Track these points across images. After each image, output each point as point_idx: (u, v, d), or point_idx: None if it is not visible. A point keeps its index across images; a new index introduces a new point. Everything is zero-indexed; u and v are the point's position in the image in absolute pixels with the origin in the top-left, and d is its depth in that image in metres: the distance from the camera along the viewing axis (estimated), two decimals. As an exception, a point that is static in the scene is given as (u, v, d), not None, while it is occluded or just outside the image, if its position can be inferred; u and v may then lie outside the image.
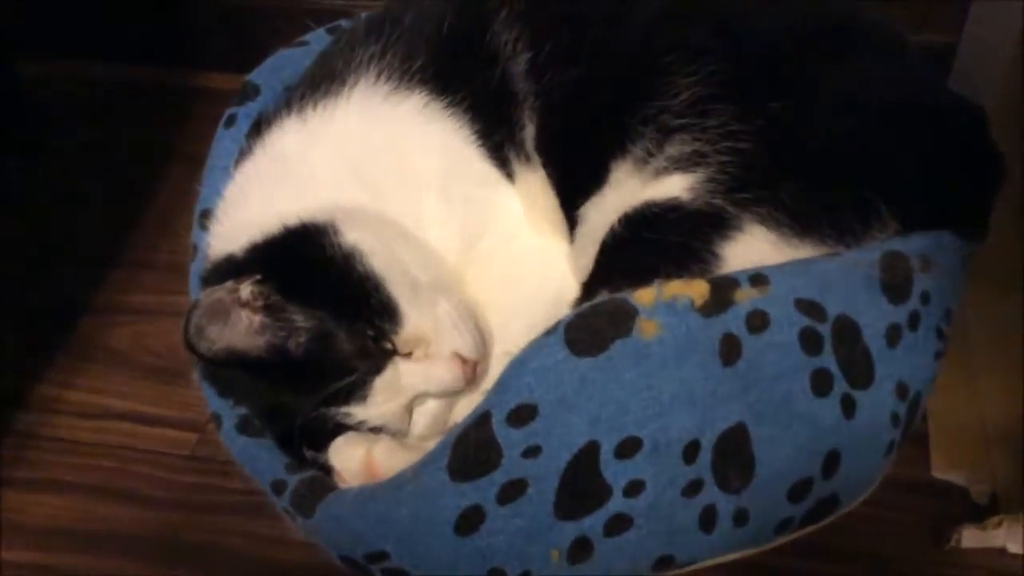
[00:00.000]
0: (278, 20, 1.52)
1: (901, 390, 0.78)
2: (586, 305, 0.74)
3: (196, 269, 0.95)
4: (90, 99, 1.59)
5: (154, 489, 1.04)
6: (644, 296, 0.73)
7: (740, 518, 0.75)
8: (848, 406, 0.75)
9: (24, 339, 1.20)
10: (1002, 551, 0.91)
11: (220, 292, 0.78)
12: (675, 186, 0.81)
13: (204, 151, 1.07)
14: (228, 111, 1.05)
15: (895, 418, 0.79)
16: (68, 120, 1.53)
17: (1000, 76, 1.16)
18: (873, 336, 0.77)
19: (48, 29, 1.61)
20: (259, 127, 0.96)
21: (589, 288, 0.83)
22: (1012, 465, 0.95)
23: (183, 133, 1.50)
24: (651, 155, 0.83)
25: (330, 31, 1.13)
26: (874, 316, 0.77)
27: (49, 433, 1.10)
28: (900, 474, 0.87)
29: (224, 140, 1.03)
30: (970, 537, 0.90)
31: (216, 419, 0.89)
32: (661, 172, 0.82)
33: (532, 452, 0.71)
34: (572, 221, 0.89)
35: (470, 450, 0.71)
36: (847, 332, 0.76)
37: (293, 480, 0.81)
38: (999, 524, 0.88)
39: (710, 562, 0.78)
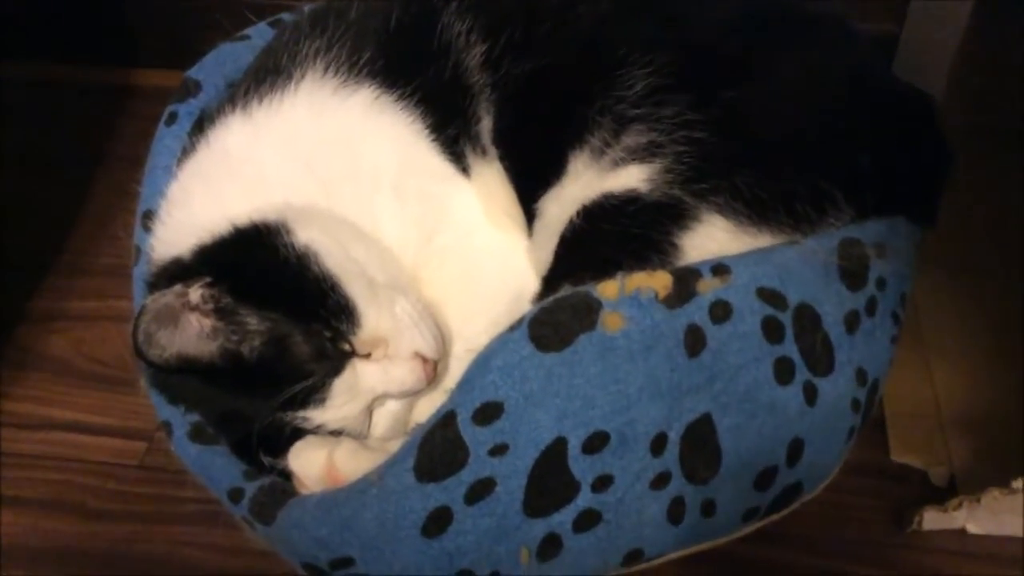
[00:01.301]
0: (216, 13, 1.48)
1: (860, 376, 0.80)
2: (550, 299, 0.74)
3: (140, 273, 0.92)
4: (18, 99, 1.53)
5: (104, 501, 1.00)
6: (608, 289, 0.73)
7: (708, 509, 0.76)
8: (810, 393, 0.76)
9: (-43, 350, 1.15)
10: (963, 532, 0.92)
11: (168, 296, 0.75)
12: (633, 177, 0.81)
13: (140, 151, 1.03)
14: (169, 108, 1.02)
15: (855, 404, 0.80)
16: (-5, 121, 1.48)
17: (943, 65, 1.19)
18: (833, 323, 0.78)
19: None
20: (202, 124, 0.93)
21: (549, 282, 0.83)
22: (968, 447, 0.97)
23: (117, 132, 1.46)
24: (608, 146, 0.83)
25: (272, 24, 1.11)
26: (833, 303, 0.78)
27: (-12, 446, 1.06)
28: (860, 459, 0.89)
29: (165, 138, 0.99)
30: (931, 519, 0.92)
31: (166, 427, 0.86)
32: (619, 163, 0.82)
33: (499, 450, 0.70)
34: (530, 214, 0.89)
35: (436, 450, 0.70)
36: (808, 320, 0.77)
37: (251, 488, 0.79)
38: (959, 506, 0.89)
39: (679, 554, 0.79)
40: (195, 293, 0.76)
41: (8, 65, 1.57)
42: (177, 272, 0.80)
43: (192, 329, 0.75)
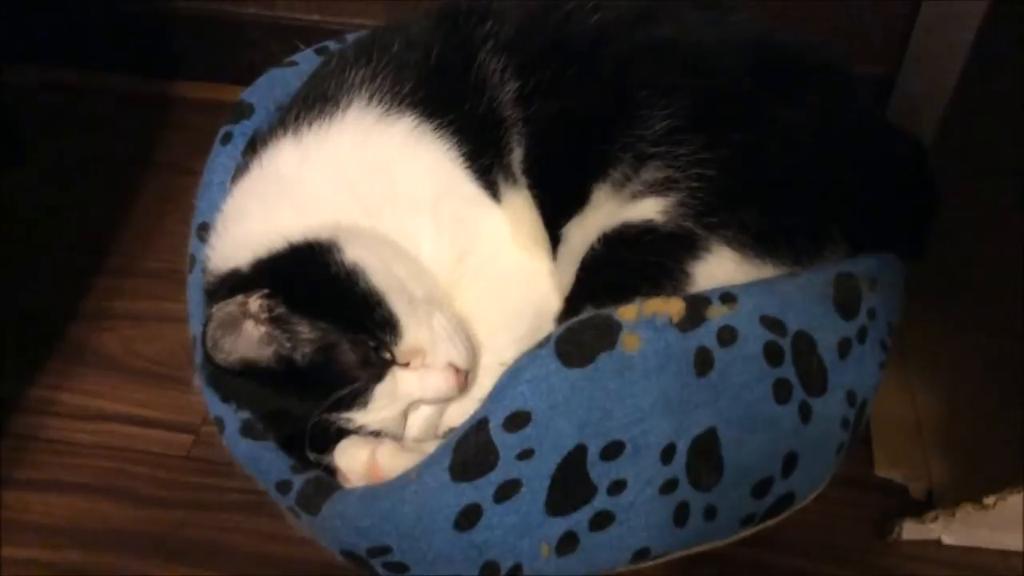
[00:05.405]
0: (255, 31, 1.53)
1: (851, 397, 0.86)
2: (575, 320, 0.80)
3: (196, 280, 0.98)
4: (65, 107, 1.58)
5: (154, 488, 1.06)
6: (627, 312, 0.79)
7: (710, 513, 0.82)
8: (805, 412, 0.82)
9: (14, 343, 1.20)
10: (938, 542, 0.99)
11: (231, 306, 0.81)
12: (650, 209, 0.86)
13: (185, 159, 1.08)
14: (224, 129, 1.07)
15: (845, 422, 0.86)
16: (44, 128, 1.52)
17: (938, 107, 1.25)
18: (827, 349, 0.84)
19: (20, 35, 1.59)
20: (255, 145, 0.99)
21: (571, 303, 0.88)
22: (945, 464, 1.03)
23: (163, 141, 1.50)
24: (628, 179, 0.89)
25: (318, 52, 1.16)
26: (828, 331, 0.84)
27: (46, 435, 1.11)
28: (847, 472, 0.94)
29: (220, 156, 1.05)
30: (910, 530, 0.97)
31: (218, 423, 0.92)
32: (637, 195, 0.87)
33: (526, 455, 0.76)
34: (555, 240, 0.94)
35: (470, 453, 0.76)
36: (805, 345, 0.83)
37: (298, 480, 0.85)
38: (935, 518, 0.95)
39: (681, 553, 0.85)
40: (254, 303, 0.82)
41: (54, 72, 1.61)
42: (236, 282, 0.86)
43: (251, 335, 0.82)
